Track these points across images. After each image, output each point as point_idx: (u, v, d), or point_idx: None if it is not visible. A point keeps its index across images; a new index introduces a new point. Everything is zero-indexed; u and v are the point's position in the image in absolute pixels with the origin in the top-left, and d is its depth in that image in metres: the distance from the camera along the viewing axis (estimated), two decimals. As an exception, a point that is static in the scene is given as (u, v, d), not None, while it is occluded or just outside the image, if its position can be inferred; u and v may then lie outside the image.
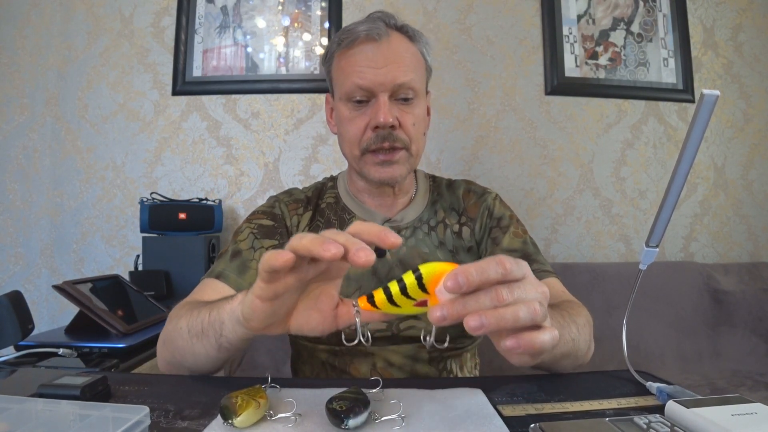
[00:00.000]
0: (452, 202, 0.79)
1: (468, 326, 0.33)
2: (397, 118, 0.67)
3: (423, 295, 0.35)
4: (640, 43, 1.67)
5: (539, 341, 0.34)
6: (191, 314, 0.52)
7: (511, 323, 0.33)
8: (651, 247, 0.50)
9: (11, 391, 0.48)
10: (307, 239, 0.34)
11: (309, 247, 0.34)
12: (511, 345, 0.34)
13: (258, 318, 0.40)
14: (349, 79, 0.68)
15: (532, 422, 0.38)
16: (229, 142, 1.60)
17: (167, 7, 1.62)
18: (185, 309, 0.55)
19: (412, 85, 0.68)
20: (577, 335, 0.53)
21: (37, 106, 1.60)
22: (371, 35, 0.67)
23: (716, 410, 0.37)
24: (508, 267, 0.34)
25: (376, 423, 0.39)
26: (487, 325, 0.32)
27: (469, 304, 0.33)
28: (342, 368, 0.70)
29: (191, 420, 0.41)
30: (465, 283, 0.32)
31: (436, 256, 0.73)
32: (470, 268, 0.33)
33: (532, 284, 0.35)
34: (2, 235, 1.58)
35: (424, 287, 0.35)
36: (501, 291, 0.33)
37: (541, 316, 0.34)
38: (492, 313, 0.33)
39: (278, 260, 0.34)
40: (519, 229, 0.75)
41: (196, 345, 0.51)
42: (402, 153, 0.70)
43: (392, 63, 0.67)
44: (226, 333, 0.47)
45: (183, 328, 0.52)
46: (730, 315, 1.44)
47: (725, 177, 1.69)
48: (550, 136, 1.64)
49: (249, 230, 0.71)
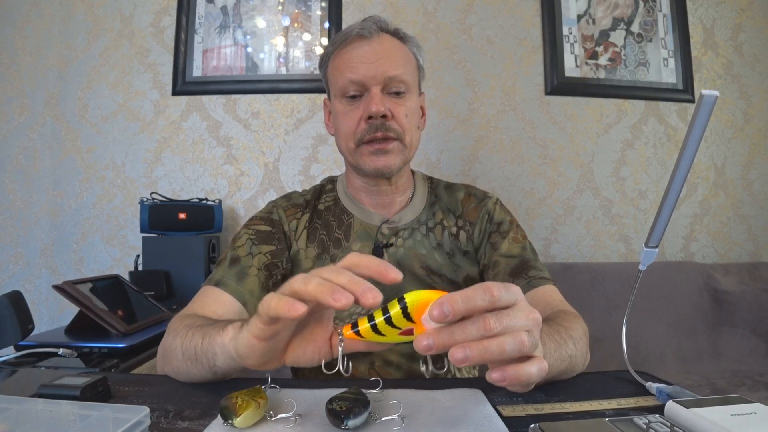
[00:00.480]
0: (450, 204, 0.79)
1: (453, 358, 0.32)
2: (389, 109, 0.69)
3: (408, 324, 0.35)
4: (640, 43, 1.67)
5: (525, 374, 0.34)
6: (186, 336, 0.51)
7: (497, 356, 0.32)
8: (651, 248, 0.50)
9: (11, 391, 0.48)
10: (313, 286, 0.33)
11: (316, 296, 0.33)
12: (496, 377, 0.34)
13: (254, 356, 0.39)
14: (343, 75, 0.71)
15: (532, 422, 0.38)
16: (229, 142, 1.60)
17: (167, 7, 1.62)
18: (182, 325, 0.55)
19: (403, 78, 0.70)
20: (574, 351, 0.52)
21: (37, 106, 1.60)
22: (363, 34, 0.70)
23: (716, 410, 0.37)
24: (495, 294, 0.33)
25: (375, 423, 0.39)
26: (472, 357, 0.32)
27: (456, 334, 0.32)
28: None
29: (191, 420, 0.41)
30: (451, 312, 0.32)
31: (434, 258, 0.74)
32: (456, 297, 0.32)
33: (522, 311, 0.34)
34: (2, 235, 1.58)
35: (409, 316, 0.34)
36: (489, 320, 0.32)
37: (528, 347, 0.33)
38: (477, 346, 0.32)
39: (290, 312, 0.33)
40: (518, 234, 0.75)
41: (191, 368, 0.50)
42: (395, 143, 0.70)
43: (383, 58, 0.69)
44: (219, 364, 0.46)
45: (177, 350, 0.52)
46: (730, 315, 1.44)
47: (725, 177, 1.69)
48: (550, 136, 1.64)
49: (247, 236, 0.72)
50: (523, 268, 0.69)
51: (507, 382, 0.34)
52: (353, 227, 0.75)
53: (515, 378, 0.34)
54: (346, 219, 0.76)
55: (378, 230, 0.74)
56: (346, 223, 0.76)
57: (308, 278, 0.34)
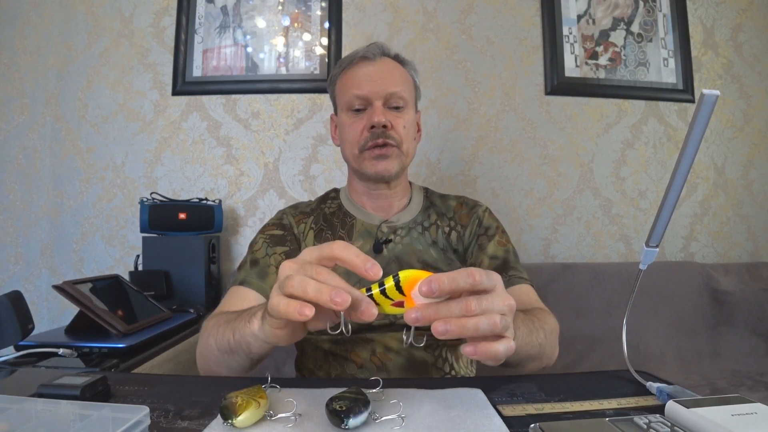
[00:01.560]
0: (444, 209, 0.88)
1: (434, 330, 0.38)
2: (389, 120, 0.78)
3: (400, 297, 0.40)
4: (640, 43, 1.67)
5: (493, 350, 0.40)
6: (217, 332, 0.58)
7: (473, 332, 0.38)
8: (651, 247, 0.50)
9: (11, 391, 0.48)
10: (312, 290, 0.38)
11: (317, 298, 0.38)
12: (469, 351, 0.40)
13: (282, 339, 0.46)
14: (350, 91, 0.81)
15: (532, 422, 0.38)
16: (229, 142, 1.60)
17: (167, 7, 1.61)
18: (213, 324, 0.62)
19: (402, 95, 0.80)
20: (544, 340, 0.59)
21: (37, 106, 1.60)
22: (367, 56, 0.81)
23: (716, 410, 0.37)
24: (477, 278, 0.39)
25: (376, 423, 0.40)
26: (451, 331, 0.38)
27: (441, 310, 0.39)
28: (344, 355, 0.75)
29: (191, 420, 0.41)
30: (437, 289, 0.38)
31: (429, 253, 0.81)
32: (443, 277, 0.38)
33: (500, 296, 0.40)
34: (2, 235, 1.58)
35: (401, 290, 0.40)
36: (470, 302, 0.39)
37: (500, 327, 0.39)
38: (456, 322, 0.38)
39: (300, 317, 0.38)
40: (503, 238, 0.84)
41: (229, 360, 0.57)
42: (394, 149, 0.79)
43: (385, 77, 0.80)
44: (254, 350, 0.52)
45: (213, 346, 0.58)
46: (730, 315, 1.44)
47: (725, 177, 1.69)
48: (550, 136, 1.64)
49: (263, 240, 0.80)
50: (505, 268, 0.78)
51: (478, 356, 0.40)
52: (356, 227, 0.83)
53: (485, 353, 0.40)
54: (348, 221, 0.84)
55: (378, 228, 0.82)
56: (349, 224, 0.84)
57: (305, 281, 0.39)
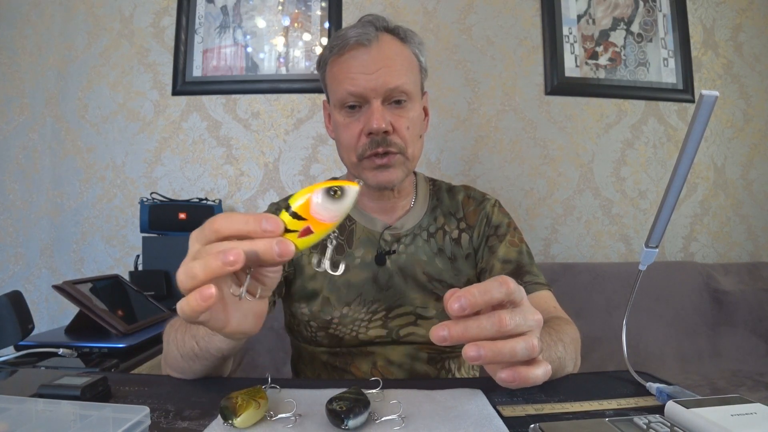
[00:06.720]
0: (452, 207, 0.79)
1: (466, 356, 0.33)
2: (390, 122, 0.67)
3: (302, 223, 0.35)
4: (640, 43, 1.67)
5: (533, 377, 0.35)
6: (176, 340, 0.53)
7: (508, 358, 0.34)
8: (651, 248, 0.50)
9: (11, 391, 0.48)
10: (198, 269, 0.33)
11: (210, 273, 0.33)
12: (506, 378, 0.35)
13: (234, 326, 0.38)
14: (342, 86, 0.68)
15: (532, 423, 0.38)
16: (229, 142, 1.60)
17: (167, 7, 1.61)
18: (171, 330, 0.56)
19: (405, 88, 0.68)
20: (563, 354, 0.53)
21: (37, 106, 1.60)
22: (361, 41, 0.67)
23: (716, 410, 0.37)
24: (512, 287, 0.34)
25: (376, 423, 0.39)
26: (485, 357, 0.33)
27: (470, 329, 0.34)
28: (343, 368, 0.71)
29: (191, 420, 0.41)
30: (468, 305, 0.33)
31: (434, 264, 0.74)
32: (473, 290, 0.33)
33: (529, 310, 0.36)
34: (2, 235, 1.58)
35: (299, 216, 0.35)
36: (504, 316, 0.34)
37: (538, 351, 0.34)
38: (490, 347, 0.33)
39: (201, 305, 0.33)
40: (515, 237, 0.75)
41: (195, 365, 0.52)
42: (397, 157, 0.69)
43: (383, 67, 0.66)
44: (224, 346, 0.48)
45: (176, 355, 0.53)
46: (730, 315, 1.44)
47: (725, 177, 1.69)
48: (550, 136, 1.64)
49: None
50: (519, 273, 0.70)
51: (516, 383, 0.35)
52: (356, 233, 0.75)
53: (524, 379, 0.35)
54: (348, 225, 0.76)
55: (380, 237, 0.74)
56: (349, 228, 0.75)
57: (188, 270, 0.34)
